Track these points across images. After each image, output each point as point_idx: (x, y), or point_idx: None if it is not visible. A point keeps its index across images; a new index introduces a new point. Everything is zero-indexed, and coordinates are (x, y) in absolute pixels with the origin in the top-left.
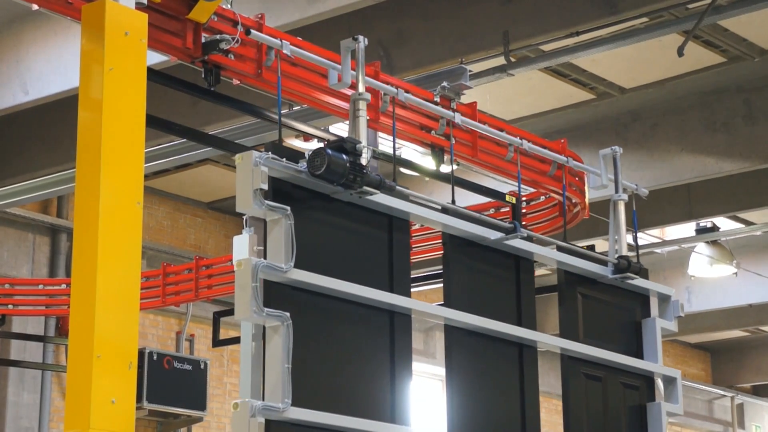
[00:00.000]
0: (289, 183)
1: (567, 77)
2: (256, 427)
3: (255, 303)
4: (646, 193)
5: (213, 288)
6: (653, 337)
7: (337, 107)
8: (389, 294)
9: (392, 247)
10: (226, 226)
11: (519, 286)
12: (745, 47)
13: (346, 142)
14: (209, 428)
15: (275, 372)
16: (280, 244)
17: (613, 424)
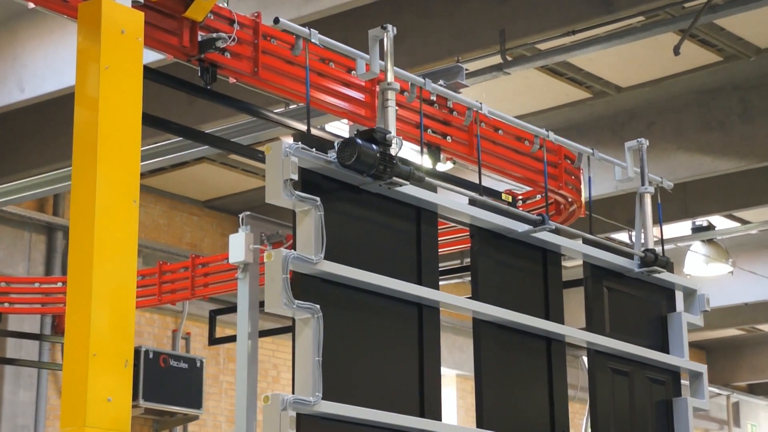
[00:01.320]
0: (317, 174)
1: (563, 76)
2: (287, 421)
3: (285, 295)
4: (671, 186)
5: (209, 286)
6: (679, 331)
7: (334, 106)
8: (418, 287)
9: (420, 239)
10: (222, 225)
11: (546, 279)
12: (741, 46)
13: (377, 132)
14: (205, 426)
15: (306, 365)
16: (310, 235)
17: (640, 419)
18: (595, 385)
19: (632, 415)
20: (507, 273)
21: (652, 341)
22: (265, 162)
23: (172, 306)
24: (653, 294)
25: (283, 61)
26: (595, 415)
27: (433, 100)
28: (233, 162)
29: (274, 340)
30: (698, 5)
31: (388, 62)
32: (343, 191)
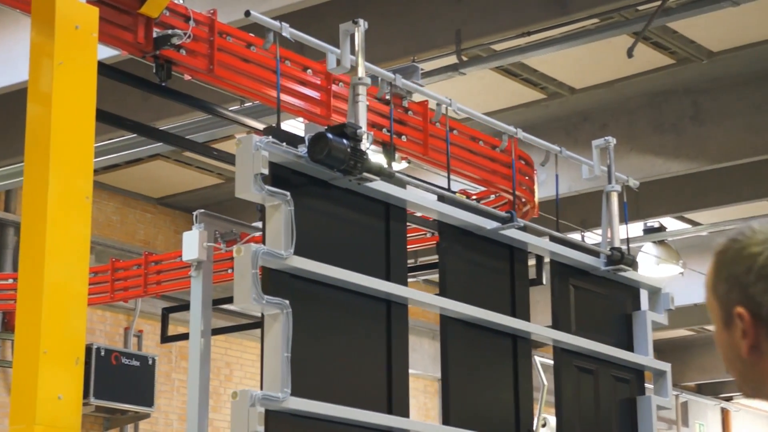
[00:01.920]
0: (287, 168)
1: (518, 77)
2: (256, 417)
3: (255, 290)
4: (637, 185)
5: (162, 284)
6: (644, 330)
7: (290, 104)
8: (386, 283)
9: (389, 235)
10: (176, 222)
11: (513, 276)
12: (694, 49)
13: (347, 127)
14: (156, 424)
15: (274, 361)
16: (280, 230)
17: (604, 417)
18: (561, 382)
19: (597, 413)
20: (474, 270)
21: (617, 339)
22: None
23: (125, 303)
24: (618, 292)
25: (238, 58)
26: (561, 412)
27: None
28: (188, 159)
29: (226, 338)
30: (652, 8)
31: (359, 57)
32: (312, 186)
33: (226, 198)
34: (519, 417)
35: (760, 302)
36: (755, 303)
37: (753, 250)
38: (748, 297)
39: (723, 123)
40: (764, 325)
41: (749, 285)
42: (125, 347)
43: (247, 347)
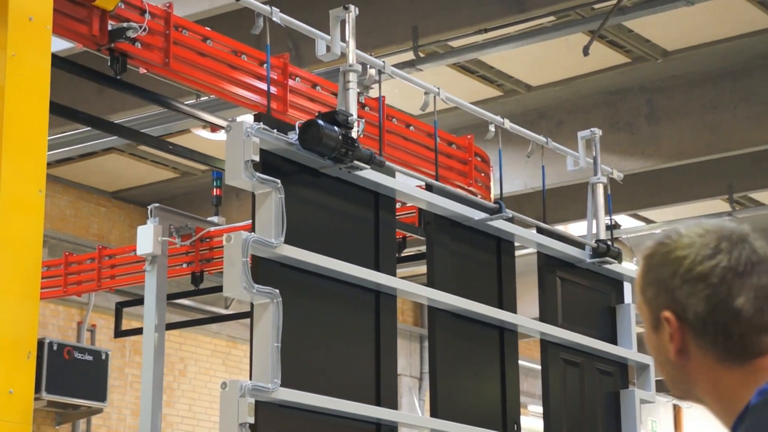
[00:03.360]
0: (277, 155)
1: (475, 74)
2: (246, 408)
3: (245, 279)
4: (621, 177)
5: (116, 278)
6: (628, 323)
7: (246, 98)
8: (376, 273)
9: (378, 225)
10: (130, 216)
11: (500, 268)
12: (649, 48)
13: (338, 115)
14: (109, 419)
15: (264, 351)
16: (270, 218)
17: (590, 410)
18: (548, 375)
19: (582, 406)
20: (461, 261)
21: (601, 332)
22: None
23: (78, 298)
24: (603, 285)
25: (194, 52)
26: (548, 405)
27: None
28: (142, 153)
29: (181, 333)
30: (607, 7)
31: (350, 44)
32: (302, 174)
33: (182, 192)
34: (506, 409)
35: (685, 306)
36: (681, 306)
37: (678, 254)
38: (675, 300)
39: (677, 121)
40: (690, 329)
41: (675, 288)
42: (78, 342)
43: (201, 342)
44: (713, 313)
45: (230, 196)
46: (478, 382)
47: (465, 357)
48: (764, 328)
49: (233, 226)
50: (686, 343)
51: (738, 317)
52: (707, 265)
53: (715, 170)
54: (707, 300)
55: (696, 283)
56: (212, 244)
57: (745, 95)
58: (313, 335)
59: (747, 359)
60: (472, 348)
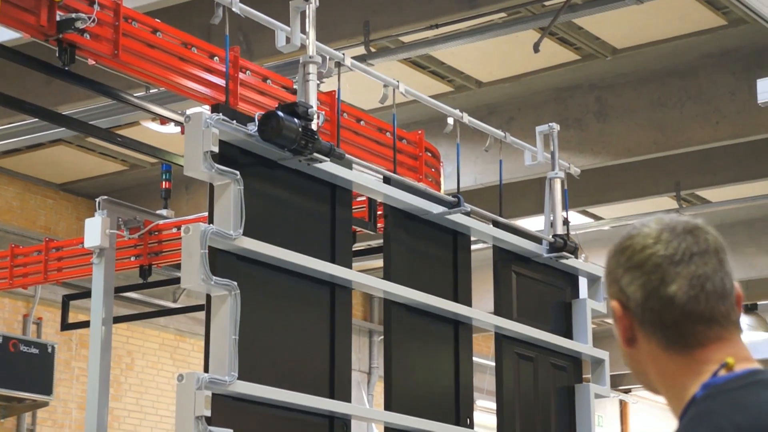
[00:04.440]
0: (235, 147)
1: (426, 69)
2: (202, 401)
3: (203, 270)
4: (578, 172)
5: (63, 271)
6: (583, 318)
7: (196, 91)
8: (331, 265)
9: (335, 217)
10: (77, 208)
11: (456, 262)
12: (598, 46)
13: (299, 106)
14: (55, 413)
15: (221, 344)
16: (229, 210)
17: (543, 404)
18: (502, 369)
19: (536, 400)
20: (418, 254)
21: (556, 327)
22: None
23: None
24: (559, 280)
25: (144, 44)
26: (501, 399)
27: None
28: (91, 145)
29: (128, 326)
30: (558, 4)
31: (310, 35)
32: (260, 166)
33: (130, 185)
34: (459, 403)
35: (627, 294)
36: (625, 295)
37: (625, 244)
38: (620, 290)
39: (626, 119)
40: (635, 317)
41: (620, 278)
42: (24, 334)
43: (149, 336)
44: (648, 301)
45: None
46: (432, 376)
47: (420, 350)
48: (700, 317)
49: (182, 219)
50: (634, 331)
51: (671, 305)
52: (645, 254)
53: (663, 168)
54: (642, 287)
55: (634, 271)
56: (161, 237)
57: (693, 94)
58: (269, 327)
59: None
60: (427, 341)
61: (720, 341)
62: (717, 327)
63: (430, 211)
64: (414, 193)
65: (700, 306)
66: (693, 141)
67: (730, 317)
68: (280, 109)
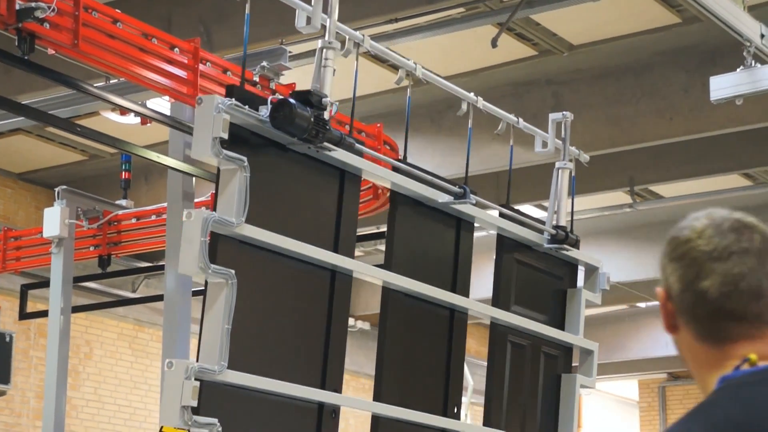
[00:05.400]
0: (246, 129)
1: (385, 62)
2: (190, 391)
3: (202, 258)
4: (587, 160)
5: (21, 260)
6: (578, 307)
7: (156, 82)
8: (333, 254)
9: (341, 203)
10: (37, 198)
11: (458, 249)
12: (555, 42)
13: (312, 95)
14: (13, 402)
15: (214, 332)
16: (233, 197)
17: (531, 392)
18: (494, 356)
19: (524, 388)
20: (421, 241)
21: (551, 315)
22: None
23: None
24: (558, 268)
25: (104, 34)
26: (491, 384)
27: (257, 81)
28: (50, 135)
29: (87, 316)
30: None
31: (332, 18)
32: (269, 148)
33: (90, 175)
34: (448, 392)
35: (670, 284)
36: (668, 284)
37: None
38: (665, 278)
39: (582, 114)
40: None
41: (665, 267)
42: None
43: (108, 325)
44: (684, 292)
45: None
46: (424, 364)
47: (413, 337)
48: (730, 314)
49: (142, 209)
50: (676, 319)
51: (703, 299)
52: (686, 247)
53: (616, 163)
54: (680, 279)
55: (675, 263)
56: (120, 227)
57: (647, 90)
58: (265, 315)
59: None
60: (422, 329)
61: (750, 338)
62: (747, 325)
63: (436, 200)
64: (422, 181)
65: (732, 303)
66: (647, 137)
67: (762, 316)
68: (294, 96)
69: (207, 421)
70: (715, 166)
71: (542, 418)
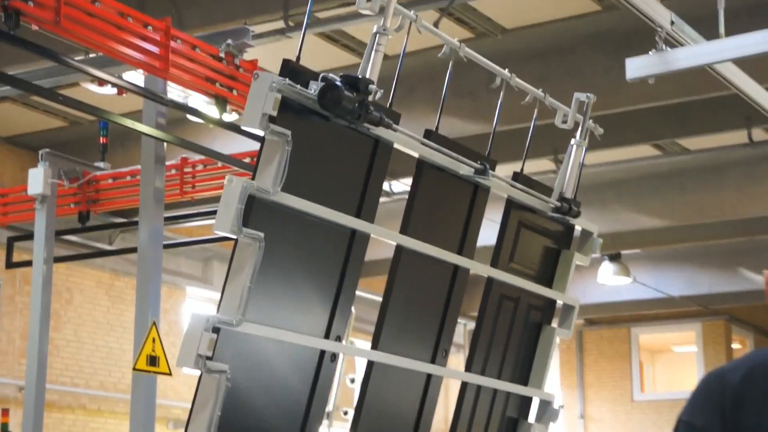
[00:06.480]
0: (294, 102)
1: (338, 42)
2: (207, 342)
3: (236, 222)
4: (601, 132)
5: (8, 215)
6: (567, 268)
7: (131, 57)
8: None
9: (371, 171)
10: (22, 160)
11: (470, 214)
12: (490, 26)
13: (361, 82)
14: (0, 342)
15: (236, 289)
16: (273, 168)
17: (512, 341)
18: (486, 309)
19: (506, 337)
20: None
21: (542, 271)
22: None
23: None
24: (556, 230)
25: (84, 12)
26: (479, 330)
27: (222, 56)
28: (35, 103)
29: (68, 265)
30: None
31: (390, 4)
32: (311, 116)
33: (71, 139)
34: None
35: None
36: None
37: None
38: None
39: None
40: None
41: None
42: None
43: (87, 274)
44: None
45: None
46: (423, 315)
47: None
48: None
49: (118, 171)
50: None
51: None
52: None
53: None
54: None
55: None
56: (98, 186)
57: (571, 71)
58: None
59: None
60: (426, 283)
61: None
62: None
63: (457, 171)
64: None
65: None
66: None
67: None
68: (343, 80)
69: (218, 367)
70: (629, 138)
71: (518, 365)
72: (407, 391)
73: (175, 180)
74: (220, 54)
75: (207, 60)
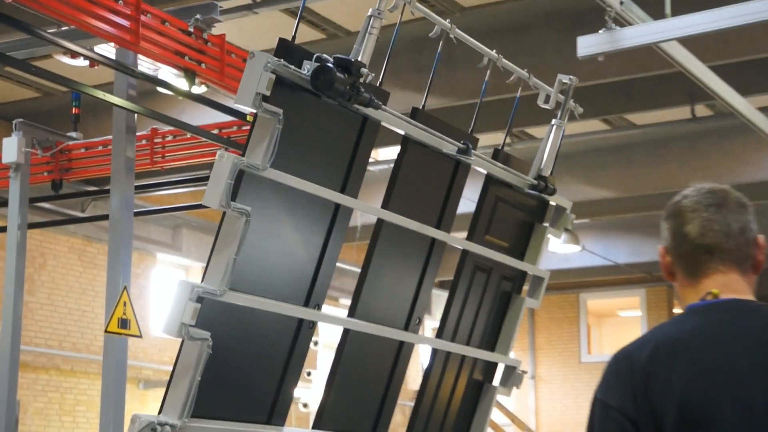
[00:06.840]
0: (287, 80)
1: (303, 18)
2: (191, 309)
3: (225, 197)
4: (581, 112)
5: None
6: (540, 241)
7: (102, 30)
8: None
9: (357, 147)
10: None
11: (450, 189)
12: (449, 4)
13: (353, 65)
14: None
15: (221, 260)
16: (263, 145)
17: (482, 309)
18: (459, 279)
19: (476, 306)
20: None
21: (515, 243)
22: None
23: None
24: (531, 204)
25: None
26: (450, 302)
27: (191, 31)
28: (8, 74)
29: (42, 232)
30: None
31: None
32: (302, 93)
33: (44, 110)
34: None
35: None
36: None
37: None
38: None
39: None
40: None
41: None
42: None
43: (60, 240)
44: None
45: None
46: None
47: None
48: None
49: (90, 141)
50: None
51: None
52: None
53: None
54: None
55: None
56: (71, 156)
57: (525, 47)
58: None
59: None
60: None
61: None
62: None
63: (440, 149)
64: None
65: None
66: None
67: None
68: (336, 63)
69: (201, 335)
70: None
71: (487, 332)
72: (380, 355)
73: (145, 150)
74: (189, 28)
75: (176, 34)
